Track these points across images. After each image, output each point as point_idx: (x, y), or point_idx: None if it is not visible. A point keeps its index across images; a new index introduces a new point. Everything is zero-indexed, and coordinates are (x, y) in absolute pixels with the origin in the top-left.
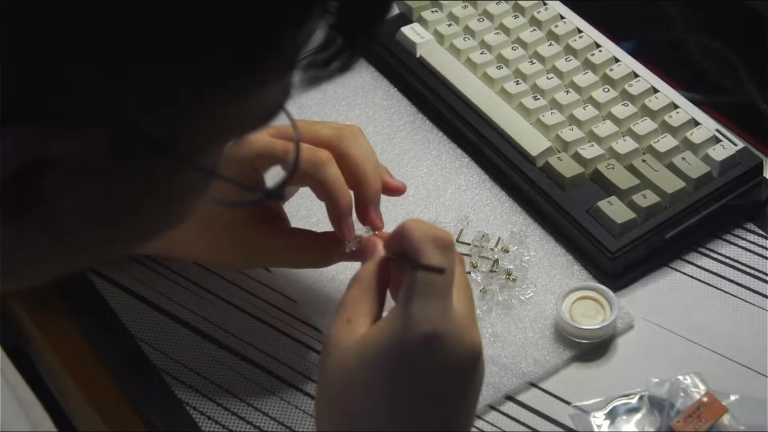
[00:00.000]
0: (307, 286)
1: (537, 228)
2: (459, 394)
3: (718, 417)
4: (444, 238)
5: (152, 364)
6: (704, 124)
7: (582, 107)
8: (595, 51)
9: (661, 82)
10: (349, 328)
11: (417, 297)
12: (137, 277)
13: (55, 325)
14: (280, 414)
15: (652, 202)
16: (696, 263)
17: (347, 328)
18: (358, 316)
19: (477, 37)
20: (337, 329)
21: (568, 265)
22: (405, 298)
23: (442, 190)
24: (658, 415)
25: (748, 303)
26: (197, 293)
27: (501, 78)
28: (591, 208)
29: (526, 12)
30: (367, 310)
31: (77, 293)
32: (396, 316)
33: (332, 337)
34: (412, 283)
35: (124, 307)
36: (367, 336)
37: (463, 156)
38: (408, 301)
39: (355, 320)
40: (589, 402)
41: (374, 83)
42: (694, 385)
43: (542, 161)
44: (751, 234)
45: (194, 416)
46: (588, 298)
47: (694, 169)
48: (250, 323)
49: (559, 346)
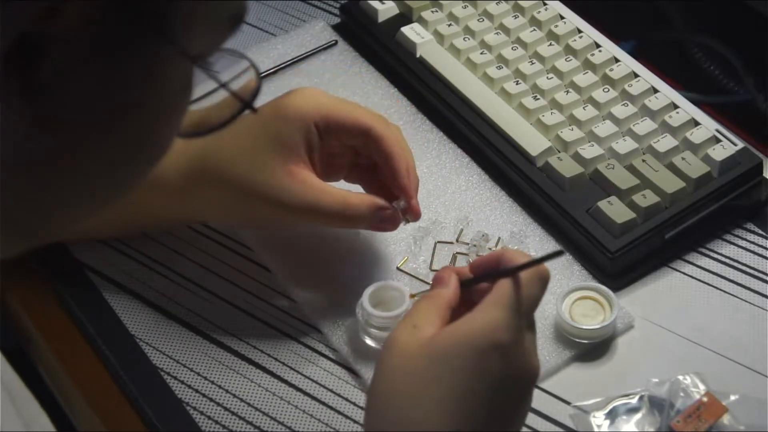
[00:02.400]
0: (307, 286)
1: (537, 228)
2: (514, 408)
3: (718, 417)
4: (546, 273)
5: (152, 364)
6: (704, 124)
7: (582, 107)
8: (595, 51)
9: (661, 82)
10: (414, 332)
11: (498, 307)
12: (137, 276)
13: (55, 325)
14: (280, 414)
15: (652, 202)
16: (696, 263)
17: (413, 331)
18: (425, 323)
19: (477, 37)
20: (401, 332)
21: (568, 265)
22: (488, 306)
23: (442, 190)
24: (658, 415)
25: (748, 303)
26: (197, 293)
27: (501, 78)
28: (591, 208)
29: (526, 12)
30: (433, 320)
31: (77, 293)
32: (471, 320)
33: (396, 338)
34: (499, 295)
35: (124, 307)
36: (435, 337)
37: (463, 156)
38: (491, 308)
39: (421, 327)
40: (589, 402)
41: (374, 83)
42: (694, 385)
43: (542, 161)
44: (751, 234)
45: (194, 416)
46: (588, 298)
47: (694, 169)
48: (250, 323)
49: (559, 346)
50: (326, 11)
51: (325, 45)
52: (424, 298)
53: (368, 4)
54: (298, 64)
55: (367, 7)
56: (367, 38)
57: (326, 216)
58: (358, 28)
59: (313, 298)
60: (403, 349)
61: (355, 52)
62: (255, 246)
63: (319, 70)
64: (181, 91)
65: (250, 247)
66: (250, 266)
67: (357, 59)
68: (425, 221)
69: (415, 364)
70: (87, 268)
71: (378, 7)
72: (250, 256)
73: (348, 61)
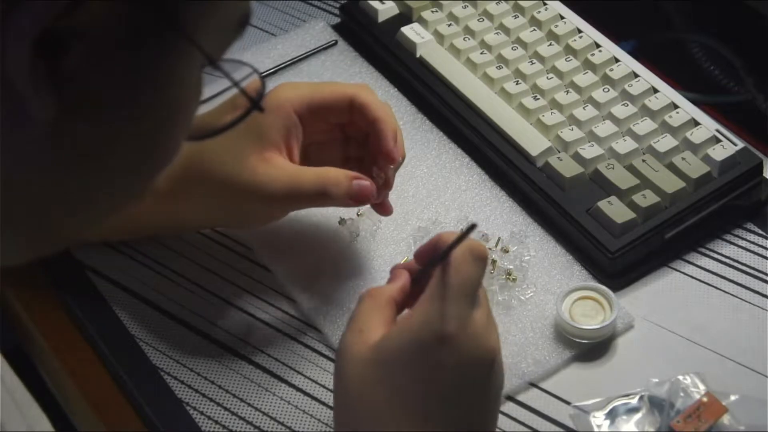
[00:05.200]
0: (307, 286)
1: (537, 228)
2: (477, 397)
3: (718, 417)
4: (479, 248)
5: (152, 364)
6: (704, 124)
7: (582, 107)
8: (595, 51)
9: (661, 82)
10: (361, 336)
11: (435, 298)
12: (137, 277)
13: (55, 325)
14: (280, 414)
15: (652, 202)
16: (696, 263)
17: (360, 336)
18: (371, 327)
19: (477, 37)
20: (349, 338)
21: (568, 265)
22: (425, 300)
23: (442, 190)
24: (658, 415)
25: (748, 303)
26: (197, 293)
27: (501, 78)
28: (591, 208)
29: (526, 12)
30: (377, 320)
31: (78, 293)
32: (411, 317)
33: (345, 345)
34: (434, 286)
35: (124, 307)
36: (382, 339)
37: (463, 156)
38: (428, 302)
39: (367, 331)
40: (589, 402)
41: (374, 83)
42: (694, 385)
43: (542, 161)
44: (751, 234)
45: (194, 416)
46: (588, 298)
47: (694, 169)
48: (250, 323)
49: (559, 346)
50: (326, 11)
51: (325, 45)
52: (366, 297)
53: (368, 4)
54: (298, 64)
55: (367, 7)
56: (367, 38)
57: (306, 195)
58: (358, 28)
59: (313, 298)
60: (352, 355)
61: (355, 52)
62: (255, 246)
63: (319, 70)
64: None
65: (250, 247)
66: (250, 266)
67: (357, 59)
68: (425, 221)
69: (364, 370)
70: (87, 268)
71: (378, 7)
72: (250, 256)
73: (348, 61)
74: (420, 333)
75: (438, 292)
